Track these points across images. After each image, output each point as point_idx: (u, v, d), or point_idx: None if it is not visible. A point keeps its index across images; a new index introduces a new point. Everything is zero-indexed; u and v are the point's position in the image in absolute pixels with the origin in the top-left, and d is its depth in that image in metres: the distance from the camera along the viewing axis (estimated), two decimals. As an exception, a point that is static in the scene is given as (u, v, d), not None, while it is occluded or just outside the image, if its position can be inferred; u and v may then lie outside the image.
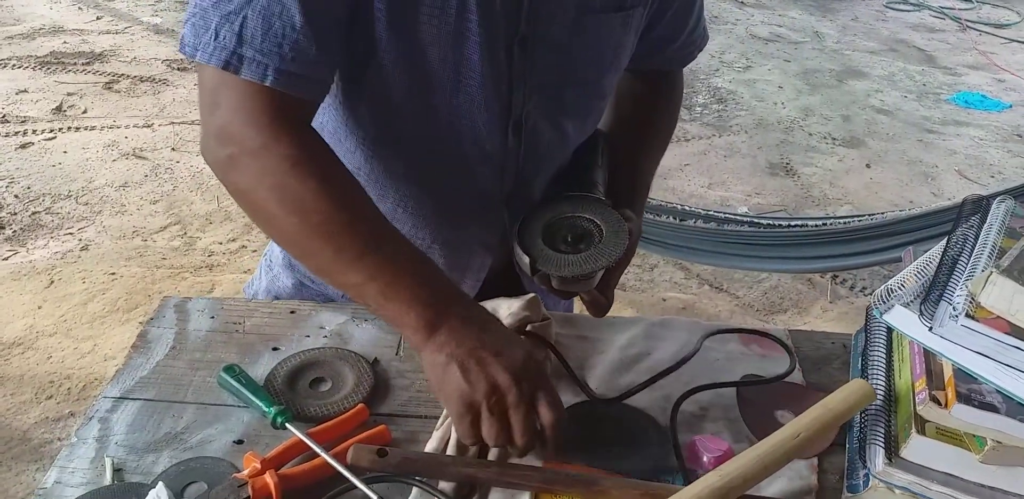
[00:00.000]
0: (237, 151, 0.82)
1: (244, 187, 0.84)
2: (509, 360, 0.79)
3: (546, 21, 0.91)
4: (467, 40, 0.88)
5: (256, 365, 0.97)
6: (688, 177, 3.98)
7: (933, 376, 0.82)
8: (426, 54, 0.88)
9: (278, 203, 0.82)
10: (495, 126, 0.97)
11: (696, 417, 0.93)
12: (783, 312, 3.02)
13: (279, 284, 1.20)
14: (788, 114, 4.85)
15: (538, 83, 0.96)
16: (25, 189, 3.48)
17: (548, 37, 0.93)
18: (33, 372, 2.49)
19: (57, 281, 2.91)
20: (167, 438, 0.86)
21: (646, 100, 1.19)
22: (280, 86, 0.81)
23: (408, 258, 0.84)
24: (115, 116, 4.17)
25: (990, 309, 0.78)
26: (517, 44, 0.91)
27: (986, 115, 5.05)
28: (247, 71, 0.80)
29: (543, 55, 0.94)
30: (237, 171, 0.83)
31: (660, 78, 1.21)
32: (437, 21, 0.86)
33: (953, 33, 6.63)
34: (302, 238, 0.83)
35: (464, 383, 0.78)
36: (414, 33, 0.87)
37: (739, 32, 6.27)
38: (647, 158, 1.16)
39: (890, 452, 0.82)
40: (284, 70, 0.81)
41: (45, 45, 4.96)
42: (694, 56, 1.19)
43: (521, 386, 0.78)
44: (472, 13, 0.86)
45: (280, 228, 0.85)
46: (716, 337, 1.04)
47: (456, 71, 0.90)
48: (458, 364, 0.79)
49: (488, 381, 0.78)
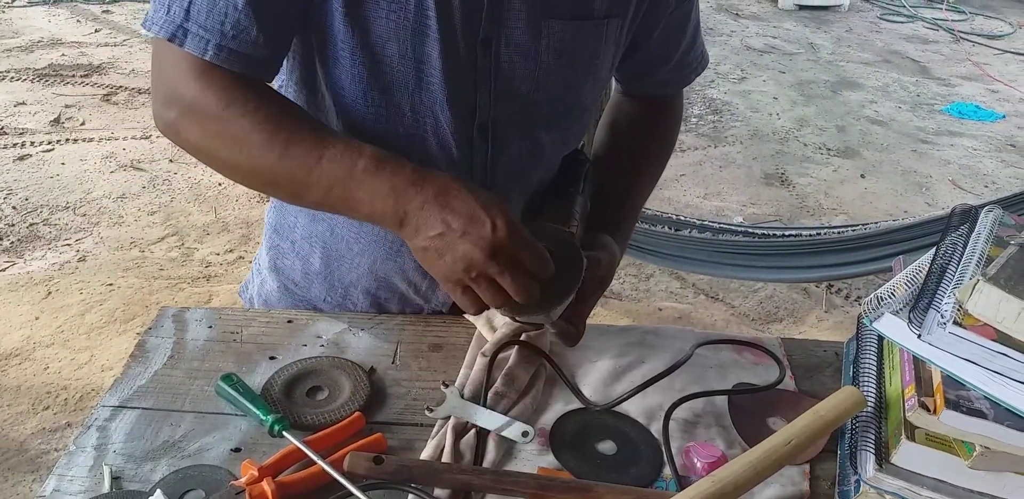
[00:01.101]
0: (178, 111, 0.86)
1: (195, 142, 0.88)
2: (476, 236, 0.80)
3: (507, 23, 0.91)
4: (427, 37, 0.89)
5: (253, 374, 0.98)
6: (684, 187, 4.00)
7: (922, 383, 0.83)
8: (385, 49, 0.90)
9: (223, 148, 0.86)
10: (460, 127, 0.96)
11: (690, 424, 0.94)
12: (779, 321, 3.03)
13: (267, 288, 1.21)
14: (783, 125, 4.89)
15: (505, 87, 0.96)
16: (23, 200, 3.50)
17: (511, 39, 0.93)
18: (30, 383, 2.49)
19: (54, 292, 2.92)
20: (165, 446, 0.87)
21: (642, 126, 1.18)
22: (219, 62, 0.85)
23: (350, 156, 0.84)
24: (113, 128, 4.19)
25: (977, 316, 0.80)
26: (480, 44, 0.92)
27: (980, 125, 5.09)
28: (190, 44, 0.84)
29: (508, 58, 0.94)
30: (184, 128, 0.87)
31: (658, 104, 1.20)
32: (395, 16, 0.88)
33: (946, 44, 6.69)
34: (257, 174, 0.88)
35: (443, 265, 0.82)
36: (371, 27, 0.88)
37: (734, 43, 6.31)
38: (638, 185, 1.15)
39: (881, 458, 0.82)
40: (224, 46, 0.84)
41: (44, 58, 4.99)
42: (690, 79, 1.18)
43: (496, 257, 0.80)
44: (430, 9, 0.87)
45: (238, 171, 0.89)
46: (709, 346, 1.05)
47: (417, 68, 0.91)
48: (433, 250, 0.82)
49: (464, 259, 0.80)
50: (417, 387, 0.98)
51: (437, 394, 0.95)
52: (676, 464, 0.87)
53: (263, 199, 3.58)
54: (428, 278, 1.09)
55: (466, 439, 0.89)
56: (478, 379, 0.97)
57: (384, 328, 1.07)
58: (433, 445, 0.88)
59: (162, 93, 0.88)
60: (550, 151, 1.07)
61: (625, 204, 1.12)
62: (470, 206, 0.81)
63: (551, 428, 0.93)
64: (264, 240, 1.20)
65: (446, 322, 1.10)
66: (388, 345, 1.04)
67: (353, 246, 1.07)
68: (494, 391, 0.95)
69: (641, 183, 1.16)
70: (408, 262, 1.07)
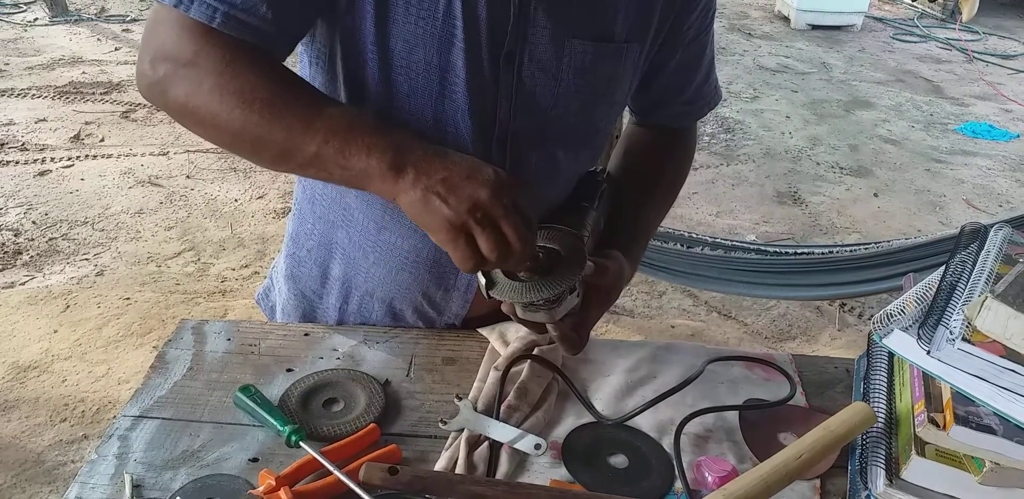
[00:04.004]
0: (172, 66, 0.83)
1: (183, 98, 0.84)
2: (483, 178, 0.80)
3: (531, 39, 0.94)
4: (453, 46, 0.91)
5: (271, 386, 0.99)
6: (696, 205, 4.01)
7: (932, 399, 0.84)
8: (411, 55, 0.91)
9: (219, 101, 0.82)
10: (479, 138, 0.98)
11: (701, 438, 0.95)
12: (792, 339, 3.03)
13: (283, 296, 1.23)
14: (796, 144, 4.90)
15: (525, 102, 0.98)
16: (43, 215, 3.54)
17: (534, 55, 0.95)
18: (48, 395, 2.52)
19: (73, 306, 2.95)
20: (184, 456, 0.89)
21: (655, 155, 1.20)
22: (227, 29, 0.83)
23: (355, 115, 0.85)
24: (131, 144, 4.25)
25: (986, 333, 0.81)
26: (504, 58, 0.94)
27: (994, 145, 5.08)
28: (196, 11, 0.82)
29: (530, 73, 0.96)
30: (175, 84, 0.83)
31: (673, 135, 1.23)
32: (424, 23, 0.89)
33: (960, 64, 6.70)
34: (250, 128, 0.83)
35: (445, 208, 0.78)
36: (400, 33, 0.90)
37: (747, 63, 6.34)
38: (649, 209, 1.16)
39: (891, 473, 0.83)
40: (232, 15, 0.83)
41: (64, 75, 5.07)
42: (704, 112, 1.21)
43: (502, 197, 0.79)
44: (458, 19, 0.89)
45: (227, 126, 0.84)
46: (721, 362, 1.07)
47: (442, 76, 0.93)
48: (434, 194, 0.79)
49: (469, 199, 0.78)
50: (431, 400, 0.99)
51: (451, 407, 0.97)
52: (687, 478, 0.88)
53: (278, 215, 3.62)
54: (442, 289, 1.10)
55: (479, 451, 0.90)
56: (491, 392, 0.98)
57: (399, 341, 1.09)
58: (447, 457, 0.89)
59: (152, 52, 0.84)
60: (565, 169, 1.08)
61: (635, 229, 1.13)
62: (470, 159, 0.83)
63: (563, 441, 0.94)
64: (283, 248, 1.22)
65: (459, 336, 1.11)
66: (402, 358, 1.06)
67: (370, 255, 1.08)
68: (507, 404, 0.96)
69: (651, 210, 1.17)
70: (423, 273, 1.08)
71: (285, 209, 3.65)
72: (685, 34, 1.06)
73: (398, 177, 0.80)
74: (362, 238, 1.08)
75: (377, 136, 0.82)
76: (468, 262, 0.80)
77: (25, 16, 6.22)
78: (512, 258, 0.80)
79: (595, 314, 0.99)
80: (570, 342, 0.95)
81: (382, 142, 0.81)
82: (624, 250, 1.05)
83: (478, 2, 0.89)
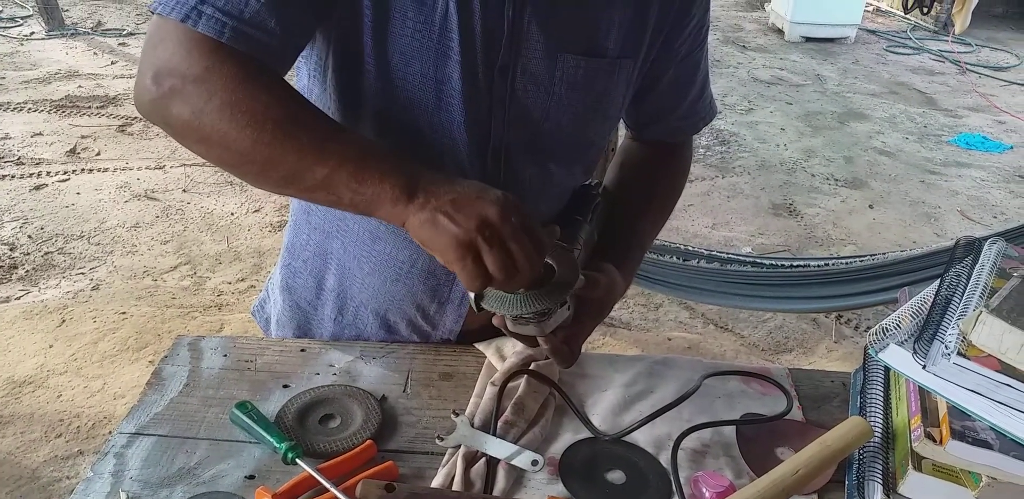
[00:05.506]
0: (179, 81, 0.81)
1: (189, 116, 0.81)
2: (492, 198, 0.80)
3: (524, 52, 0.95)
4: (448, 58, 0.92)
5: (267, 402, 0.99)
6: (692, 218, 4.02)
7: (928, 413, 0.84)
8: (408, 67, 0.92)
9: (230, 120, 0.80)
10: (474, 150, 0.99)
11: (698, 453, 0.95)
12: (788, 352, 3.03)
13: (277, 307, 1.23)
14: (790, 156, 4.92)
15: (518, 114, 0.98)
16: (38, 229, 3.54)
17: (527, 69, 0.96)
18: (43, 410, 2.51)
19: (68, 320, 2.94)
20: (180, 473, 0.88)
21: (650, 170, 1.21)
22: (235, 43, 0.82)
23: (367, 141, 0.85)
24: (128, 158, 4.25)
25: (981, 348, 0.81)
26: (498, 71, 0.95)
27: (987, 156, 5.11)
28: (205, 26, 0.81)
29: (523, 86, 0.97)
30: (180, 100, 0.81)
31: (668, 149, 1.24)
32: (421, 36, 0.90)
33: (953, 76, 6.74)
34: (260, 148, 0.81)
35: (454, 226, 0.78)
36: (397, 45, 0.91)
37: (741, 75, 6.37)
38: (644, 223, 1.17)
39: (888, 488, 0.83)
40: (241, 30, 0.82)
41: (60, 89, 5.08)
42: (699, 127, 1.22)
43: (511, 218, 0.79)
44: (454, 32, 0.90)
45: (236, 145, 0.82)
46: (717, 376, 1.07)
47: (438, 89, 0.94)
48: (443, 213, 0.79)
49: (478, 217, 0.78)
50: (428, 416, 0.99)
51: (447, 423, 0.96)
52: (685, 493, 0.88)
53: (275, 229, 3.62)
54: (436, 301, 1.11)
55: (476, 468, 0.90)
56: (488, 408, 0.98)
57: (395, 357, 1.09)
58: (444, 473, 0.89)
59: (155, 67, 0.82)
60: (559, 182, 1.09)
61: (629, 242, 1.13)
62: (479, 183, 0.83)
63: (560, 457, 0.93)
64: (279, 259, 1.22)
65: (456, 351, 1.11)
66: (399, 374, 1.06)
67: (364, 265, 1.08)
68: (504, 420, 0.96)
69: (646, 224, 1.17)
70: (417, 284, 1.08)
71: (281, 222, 3.66)
72: (678, 50, 1.07)
73: (410, 200, 0.80)
74: (357, 248, 1.08)
75: (390, 163, 0.82)
76: (475, 281, 0.80)
77: (21, 30, 6.24)
78: (519, 277, 0.80)
79: (587, 327, 0.99)
80: (561, 355, 0.95)
81: (396, 169, 0.82)
82: (618, 263, 1.05)
83: (474, 15, 0.90)
